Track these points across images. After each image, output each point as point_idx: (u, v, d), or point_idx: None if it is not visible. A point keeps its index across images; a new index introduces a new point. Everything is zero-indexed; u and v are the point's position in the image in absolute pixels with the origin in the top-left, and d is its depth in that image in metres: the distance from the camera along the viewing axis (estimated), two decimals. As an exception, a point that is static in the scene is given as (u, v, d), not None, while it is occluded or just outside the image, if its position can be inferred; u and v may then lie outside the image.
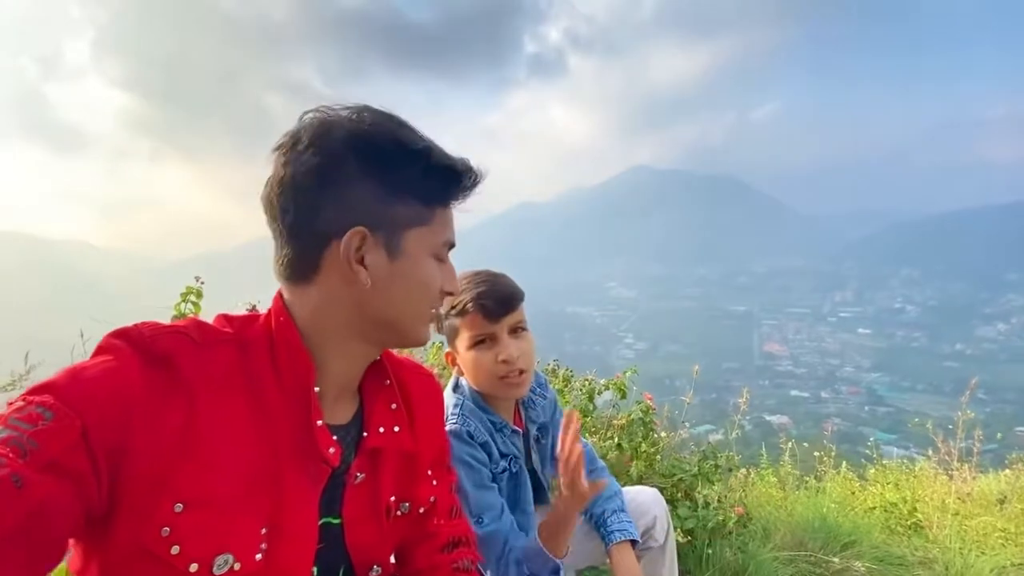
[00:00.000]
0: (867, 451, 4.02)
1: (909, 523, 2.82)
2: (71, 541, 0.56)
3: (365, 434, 0.75)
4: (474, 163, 0.75)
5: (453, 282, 0.77)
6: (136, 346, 0.59)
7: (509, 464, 1.27)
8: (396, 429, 0.77)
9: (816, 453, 3.56)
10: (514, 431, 1.30)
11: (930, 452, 3.41)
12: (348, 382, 0.76)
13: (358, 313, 0.69)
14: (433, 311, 0.75)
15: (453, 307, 1.19)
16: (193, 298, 2.38)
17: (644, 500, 1.44)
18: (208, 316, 0.71)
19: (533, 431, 1.38)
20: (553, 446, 1.42)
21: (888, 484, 3.28)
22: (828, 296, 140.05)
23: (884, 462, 3.87)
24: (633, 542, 1.30)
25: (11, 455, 0.48)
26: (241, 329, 0.69)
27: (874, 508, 2.99)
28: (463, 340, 1.21)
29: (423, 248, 0.71)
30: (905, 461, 3.82)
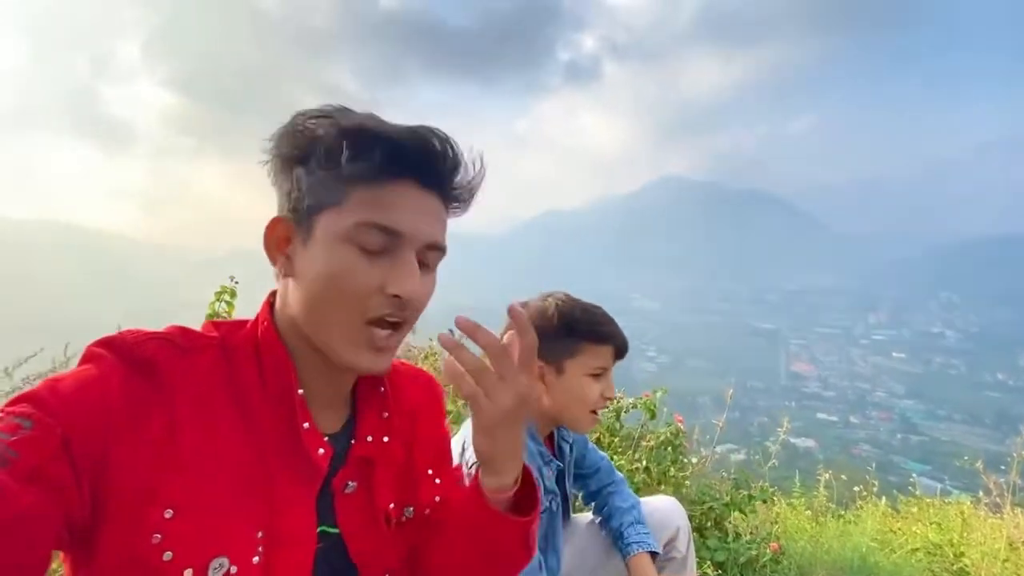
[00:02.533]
0: (899, 481, 3.81)
1: (955, 568, 2.65)
2: (60, 555, 0.55)
3: (353, 442, 0.73)
4: (437, 134, 0.62)
5: (403, 283, 0.61)
6: (118, 354, 0.58)
7: (550, 503, 1.23)
8: (385, 439, 0.74)
9: (856, 488, 3.38)
10: (559, 465, 1.27)
11: (981, 494, 3.19)
12: (334, 390, 0.72)
13: (294, 313, 0.65)
14: (366, 321, 0.62)
15: (590, 332, 1.18)
16: (227, 297, 2.40)
17: (665, 512, 1.42)
18: (243, 313, 0.64)
19: (567, 455, 1.36)
20: (576, 461, 1.43)
21: (932, 524, 3.09)
22: (861, 317, 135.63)
23: (921, 496, 3.66)
24: (653, 554, 1.28)
25: None
26: (228, 334, 0.67)
27: (917, 549, 2.81)
28: (581, 364, 1.18)
29: (332, 231, 0.61)
30: (950, 501, 3.60)
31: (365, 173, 0.61)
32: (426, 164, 0.63)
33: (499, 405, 0.62)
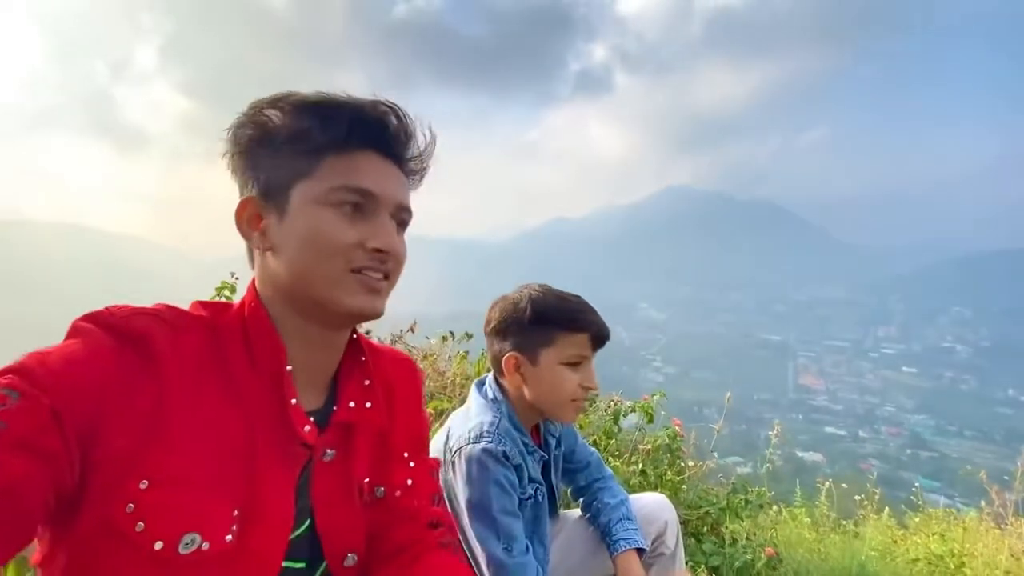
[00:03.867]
0: (908, 496, 3.74)
1: (956, 580, 2.60)
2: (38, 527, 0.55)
3: (335, 408, 0.73)
4: (392, 107, 0.68)
5: (381, 237, 0.67)
6: (107, 328, 0.59)
7: (535, 492, 1.23)
8: (368, 405, 0.75)
9: (857, 497, 3.33)
10: (542, 455, 1.27)
11: (983, 504, 3.15)
12: (321, 366, 0.73)
13: (278, 285, 0.68)
14: (351, 269, 0.66)
15: (564, 320, 1.17)
16: (227, 292, 2.44)
17: (653, 507, 1.42)
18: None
19: (553, 447, 1.36)
20: (566, 456, 1.43)
21: (933, 535, 3.05)
22: (871, 330, 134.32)
23: (928, 510, 3.60)
24: (640, 551, 1.29)
25: None
26: (215, 314, 0.68)
27: (917, 560, 2.77)
28: (557, 353, 1.17)
29: (307, 199, 0.65)
30: (952, 512, 3.54)
31: (333, 142, 0.66)
32: (385, 134, 0.68)
33: None
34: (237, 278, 2.47)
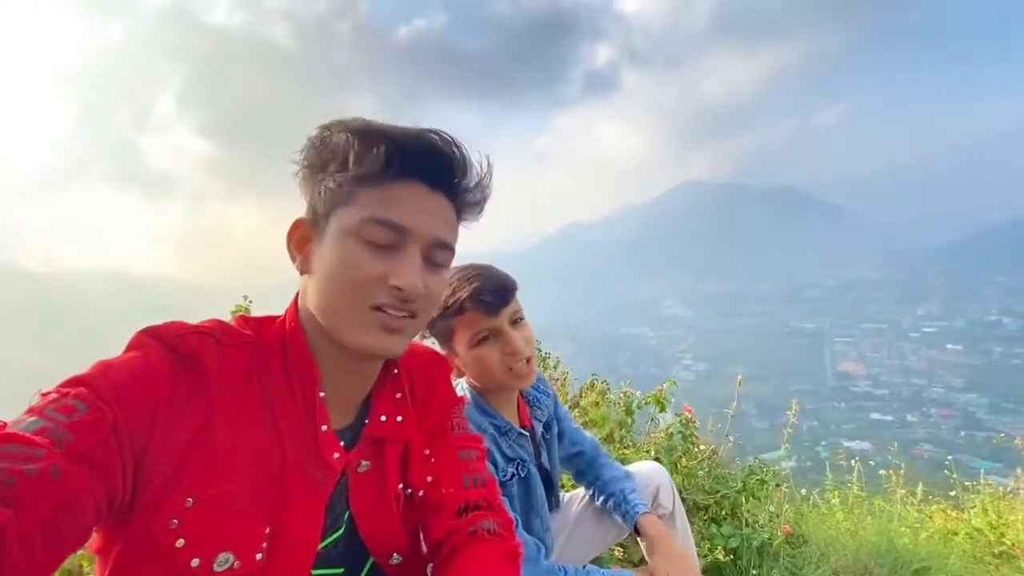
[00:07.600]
0: (964, 478, 3.59)
1: (998, 551, 2.52)
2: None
3: (367, 421, 0.75)
4: (441, 135, 0.67)
5: (404, 276, 0.65)
6: (165, 344, 0.61)
7: (517, 469, 1.22)
8: (399, 419, 0.77)
9: (882, 472, 3.24)
10: (521, 433, 1.25)
11: (1019, 471, 3.03)
12: (352, 393, 0.74)
13: (310, 307, 0.69)
14: (371, 306, 0.65)
15: (447, 307, 1.12)
16: (240, 316, 2.55)
17: (646, 472, 1.48)
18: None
19: (540, 429, 1.34)
20: (559, 438, 1.44)
21: (973, 508, 2.94)
22: (909, 309, 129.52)
23: (971, 485, 3.47)
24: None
25: (48, 445, 0.49)
26: (258, 331, 0.69)
27: (956, 533, 2.68)
28: (463, 340, 1.16)
29: (341, 227, 0.65)
30: (998, 485, 3.40)
31: (371, 172, 0.64)
32: (431, 164, 0.66)
33: None
34: (251, 301, 2.58)
